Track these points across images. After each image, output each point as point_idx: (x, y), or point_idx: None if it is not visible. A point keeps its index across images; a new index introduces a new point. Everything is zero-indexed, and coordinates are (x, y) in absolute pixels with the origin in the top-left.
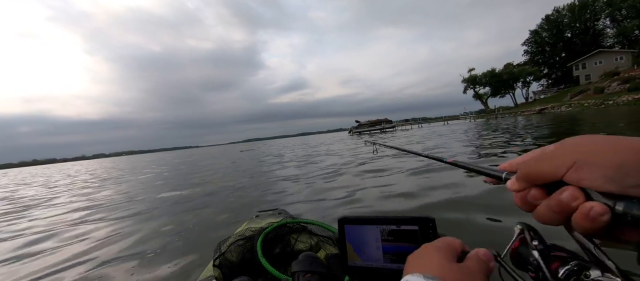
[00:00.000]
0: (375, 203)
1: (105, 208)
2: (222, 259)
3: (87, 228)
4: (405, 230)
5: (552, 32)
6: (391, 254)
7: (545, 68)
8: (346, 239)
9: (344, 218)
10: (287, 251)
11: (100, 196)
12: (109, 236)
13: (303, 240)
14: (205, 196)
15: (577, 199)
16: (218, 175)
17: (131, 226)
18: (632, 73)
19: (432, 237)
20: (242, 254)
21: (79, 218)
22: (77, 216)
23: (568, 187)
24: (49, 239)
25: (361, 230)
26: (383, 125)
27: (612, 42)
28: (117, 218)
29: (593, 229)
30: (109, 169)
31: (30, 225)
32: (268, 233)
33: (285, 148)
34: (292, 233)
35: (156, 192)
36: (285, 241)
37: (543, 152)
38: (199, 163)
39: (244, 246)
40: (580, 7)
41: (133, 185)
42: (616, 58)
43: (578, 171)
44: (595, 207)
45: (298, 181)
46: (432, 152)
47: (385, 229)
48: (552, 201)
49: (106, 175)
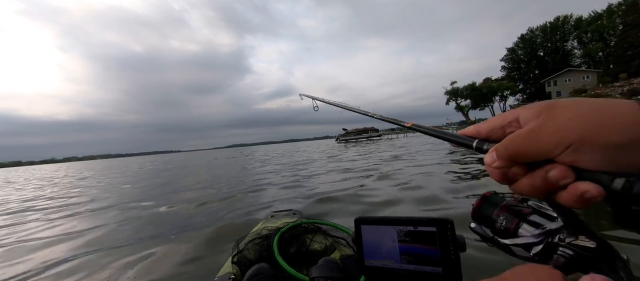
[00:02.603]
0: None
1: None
2: (240, 256)
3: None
4: (423, 232)
5: (527, 50)
6: (408, 255)
7: (521, 83)
8: (363, 239)
9: (360, 218)
10: (303, 251)
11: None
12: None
13: (318, 240)
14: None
15: (566, 178)
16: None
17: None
18: (598, 91)
19: (451, 239)
20: (259, 252)
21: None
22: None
23: (556, 164)
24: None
25: (378, 230)
26: (369, 134)
27: (580, 62)
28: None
29: (581, 208)
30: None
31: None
32: (284, 232)
33: (276, 160)
34: (307, 233)
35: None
36: (300, 241)
37: (531, 129)
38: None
39: (260, 245)
40: (552, 29)
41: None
42: (583, 77)
43: (575, 153)
44: (591, 190)
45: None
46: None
47: (402, 230)
48: (537, 179)
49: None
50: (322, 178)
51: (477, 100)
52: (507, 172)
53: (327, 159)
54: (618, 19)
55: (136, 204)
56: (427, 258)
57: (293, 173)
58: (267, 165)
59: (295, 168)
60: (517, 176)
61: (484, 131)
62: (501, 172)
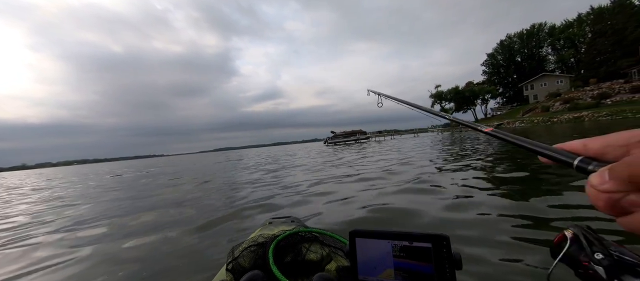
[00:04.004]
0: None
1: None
2: (235, 264)
3: None
4: (418, 247)
5: (506, 56)
6: (403, 271)
7: (501, 87)
8: (357, 252)
9: (355, 231)
10: (298, 261)
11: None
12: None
13: (314, 250)
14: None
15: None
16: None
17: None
18: (571, 95)
19: (446, 256)
20: (255, 260)
21: None
22: None
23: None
24: None
25: (372, 243)
26: (358, 136)
27: (554, 67)
28: None
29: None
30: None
31: None
32: (280, 240)
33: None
34: (303, 242)
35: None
36: (296, 250)
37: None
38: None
39: (256, 253)
40: (528, 36)
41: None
42: (557, 81)
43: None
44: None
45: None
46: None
47: (397, 245)
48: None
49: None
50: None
51: (460, 103)
52: (619, 200)
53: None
54: (587, 28)
55: (65, 235)
56: (422, 275)
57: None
58: (255, 173)
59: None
60: (635, 207)
61: (596, 147)
62: (611, 199)
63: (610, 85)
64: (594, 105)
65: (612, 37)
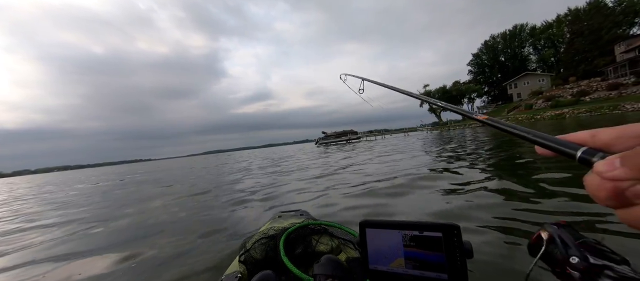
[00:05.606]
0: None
1: None
2: (247, 256)
3: None
4: (429, 237)
5: (490, 56)
6: (413, 260)
7: (486, 86)
8: (367, 242)
9: (365, 221)
10: (309, 252)
11: None
12: None
13: (324, 241)
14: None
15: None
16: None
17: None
18: (552, 92)
19: (457, 245)
20: (266, 252)
21: None
22: None
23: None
24: None
25: (383, 234)
26: (349, 136)
27: (536, 66)
28: None
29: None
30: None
31: None
32: (290, 233)
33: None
34: (313, 234)
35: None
36: (306, 242)
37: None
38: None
39: (267, 245)
40: (510, 36)
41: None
42: (539, 80)
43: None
44: None
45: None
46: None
47: (408, 234)
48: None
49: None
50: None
51: (448, 101)
52: (625, 190)
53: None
54: (566, 28)
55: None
56: (433, 264)
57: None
58: (247, 178)
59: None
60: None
61: (606, 138)
62: (618, 188)
63: (588, 83)
64: (574, 102)
65: (588, 37)
